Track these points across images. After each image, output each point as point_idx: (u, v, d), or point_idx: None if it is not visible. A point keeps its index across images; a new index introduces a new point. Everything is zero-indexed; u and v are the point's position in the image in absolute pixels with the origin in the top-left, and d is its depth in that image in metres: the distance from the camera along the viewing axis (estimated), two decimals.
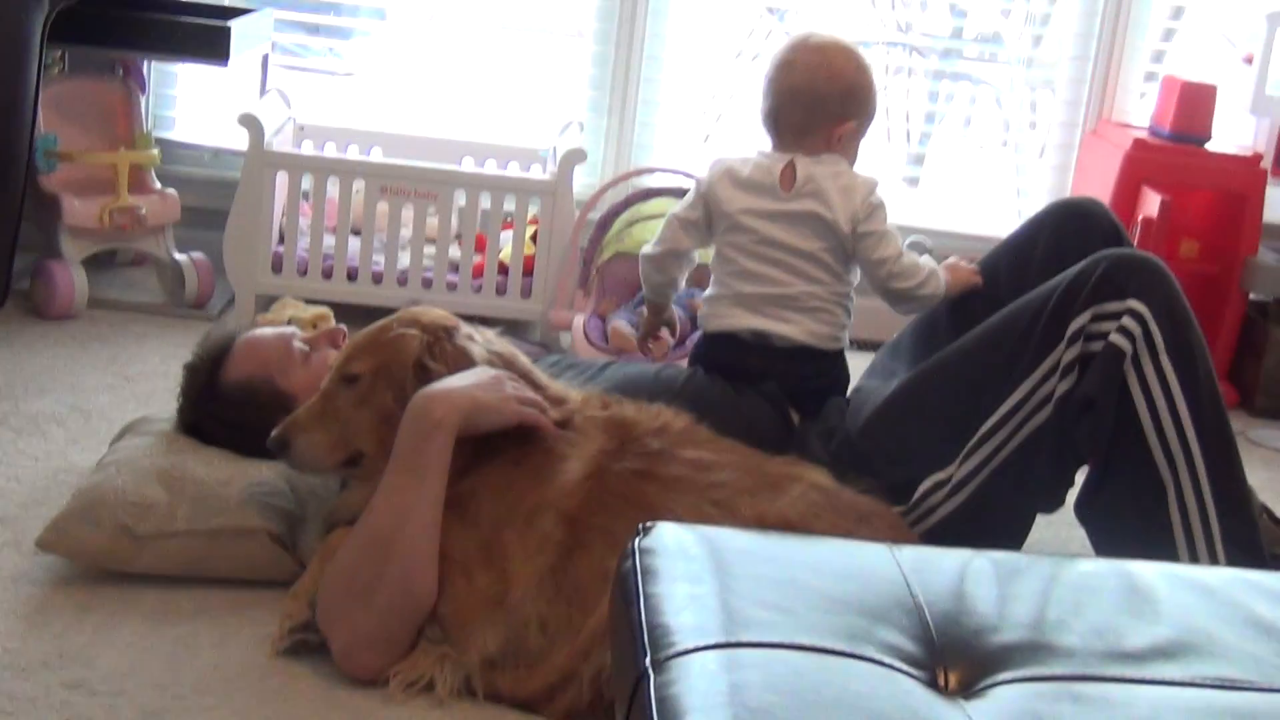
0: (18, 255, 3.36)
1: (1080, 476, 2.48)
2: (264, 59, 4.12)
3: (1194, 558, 2.29)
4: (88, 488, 2.43)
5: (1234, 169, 4.03)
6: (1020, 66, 4.73)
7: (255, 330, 2.68)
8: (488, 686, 2.12)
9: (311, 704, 2.10)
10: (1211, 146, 4.06)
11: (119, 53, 3.86)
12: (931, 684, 1.33)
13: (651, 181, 4.01)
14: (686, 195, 2.77)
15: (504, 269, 3.82)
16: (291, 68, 4.67)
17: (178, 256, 3.82)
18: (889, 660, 1.32)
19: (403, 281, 3.77)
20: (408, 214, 3.79)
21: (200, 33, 3.63)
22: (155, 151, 3.81)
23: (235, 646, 2.23)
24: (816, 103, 2.66)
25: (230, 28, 3.61)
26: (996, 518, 2.44)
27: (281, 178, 3.76)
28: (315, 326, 3.49)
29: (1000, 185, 4.71)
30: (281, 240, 3.82)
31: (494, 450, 2.23)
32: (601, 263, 3.81)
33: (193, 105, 4.35)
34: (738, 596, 1.39)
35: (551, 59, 4.99)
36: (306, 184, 3.79)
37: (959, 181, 4.81)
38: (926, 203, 4.57)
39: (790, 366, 2.63)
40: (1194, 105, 4.02)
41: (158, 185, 3.85)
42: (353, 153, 4.13)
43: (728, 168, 2.69)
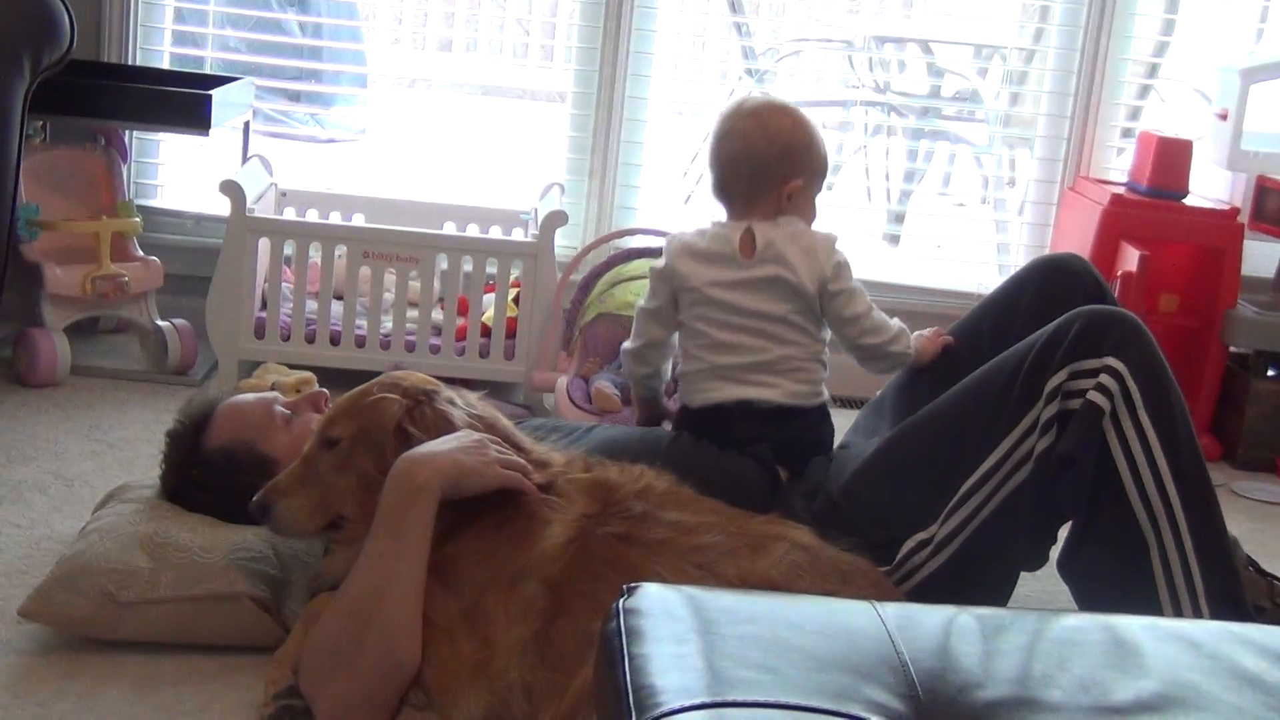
0: (0, 324, 3.35)
1: (1063, 533, 2.49)
2: (245, 126, 4.14)
3: (1177, 612, 2.28)
4: (71, 556, 2.42)
5: (1212, 223, 4.06)
6: (998, 125, 4.77)
7: (237, 396, 2.68)
8: None
9: None
10: (1189, 201, 4.10)
11: (101, 123, 3.87)
12: None
13: (633, 242, 4.03)
14: (649, 284, 2.74)
15: (487, 331, 3.82)
16: (273, 134, 4.70)
17: (160, 323, 3.82)
18: (875, 718, 1.32)
19: (386, 345, 3.77)
20: (390, 278, 3.79)
21: (181, 102, 3.65)
22: (137, 219, 3.82)
23: (219, 713, 2.21)
24: (758, 167, 2.66)
25: (211, 96, 3.63)
26: (980, 576, 2.43)
27: (264, 244, 3.77)
28: (298, 391, 3.49)
29: (980, 242, 4.74)
30: (264, 306, 3.83)
31: (476, 514, 2.22)
32: (584, 324, 3.81)
33: (175, 173, 4.36)
34: (723, 656, 1.38)
35: (532, 123, 5.03)
36: (289, 249, 3.80)
37: (939, 239, 4.84)
38: (907, 260, 4.59)
39: (777, 428, 2.63)
40: (1171, 161, 4.05)
41: (140, 253, 3.86)
42: (335, 218, 4.14)
43: (684, 243, 2.68)
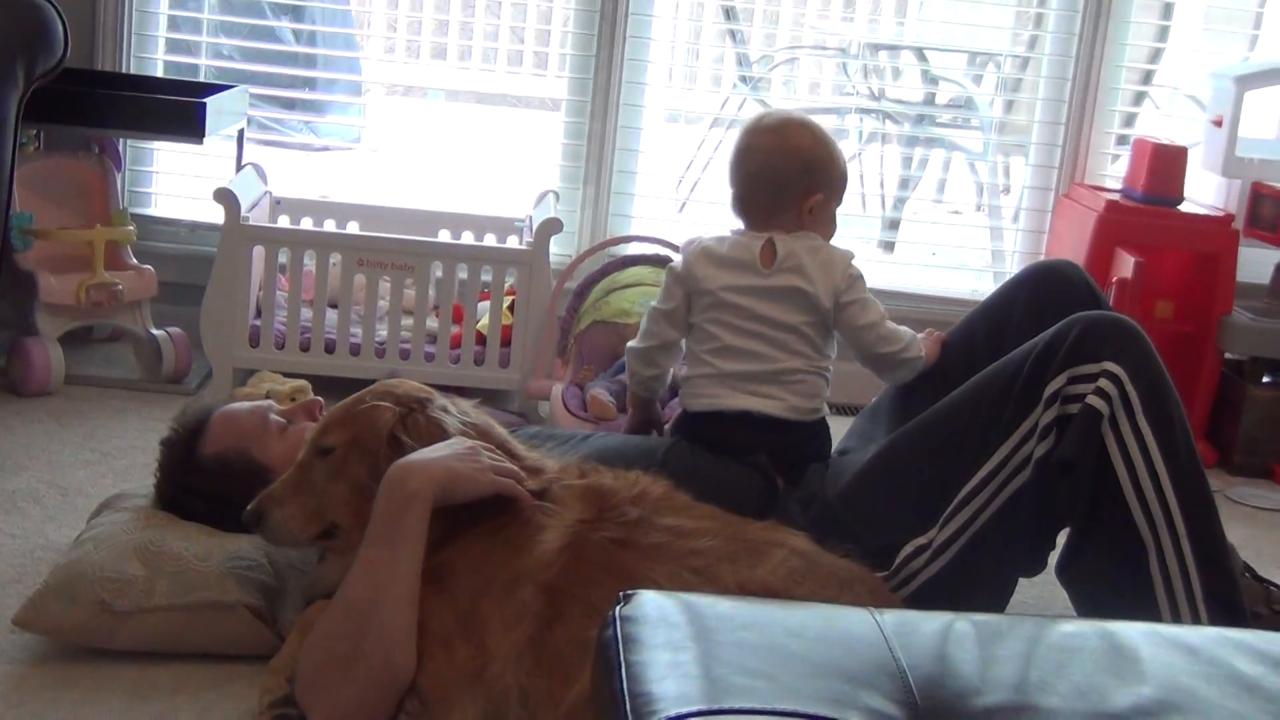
0: None
1: (1061, 539, 2.49)
2: (240, 134, 4.14)
3: (1176, 617, 2.28)
4: (65, 565, 2.42)
5: (1207, 230, 4.06)
6: (993, 132, 4.78)
7: (231, 404, 2.68)
8: None
9: None
10: (1184, 208, 4.10)
11: (95, 131, 3.87)
12: None
13: (628, 250, 4.02)
14: (663, 286, 2.75)
15: (482, 339, 3.82)
16: (267, 142, 4.70)
17: (155, 332, 3.81)
18: None
19: (380, 353, 3.77)
20: (385, 286, 3.79)
21: (175, 110, 3.65)
22: (131, 228, 3.82)
23: None
24: (780, 182, 2.68)
25: (205, 105, 3.63)
26: (978, 582, 2.43)
27: (258, 252, 3.77)
28: (293, 399, 3.50)
29: (975, 249, 4.74)
30: (259, 314, 3.82)
31: (471, 521, 2.22)
32: (579, 331, 3.81)
33: (169, 181, 4.36)
34: (720, 663, 1.38)
35: (527, 130, 5.03)
36: (283, 258, 3.80)
37: (934, 246, 4.84)
38: (902, 267, 4.59)
39: (774, 438, 2.63)
40: (1166, 167, 4.06)
41: (134, 261, 3.85)
42: (329, 226, 4.13)
43: (704, 247, 2.70)
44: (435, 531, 2.19)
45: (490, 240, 4.15)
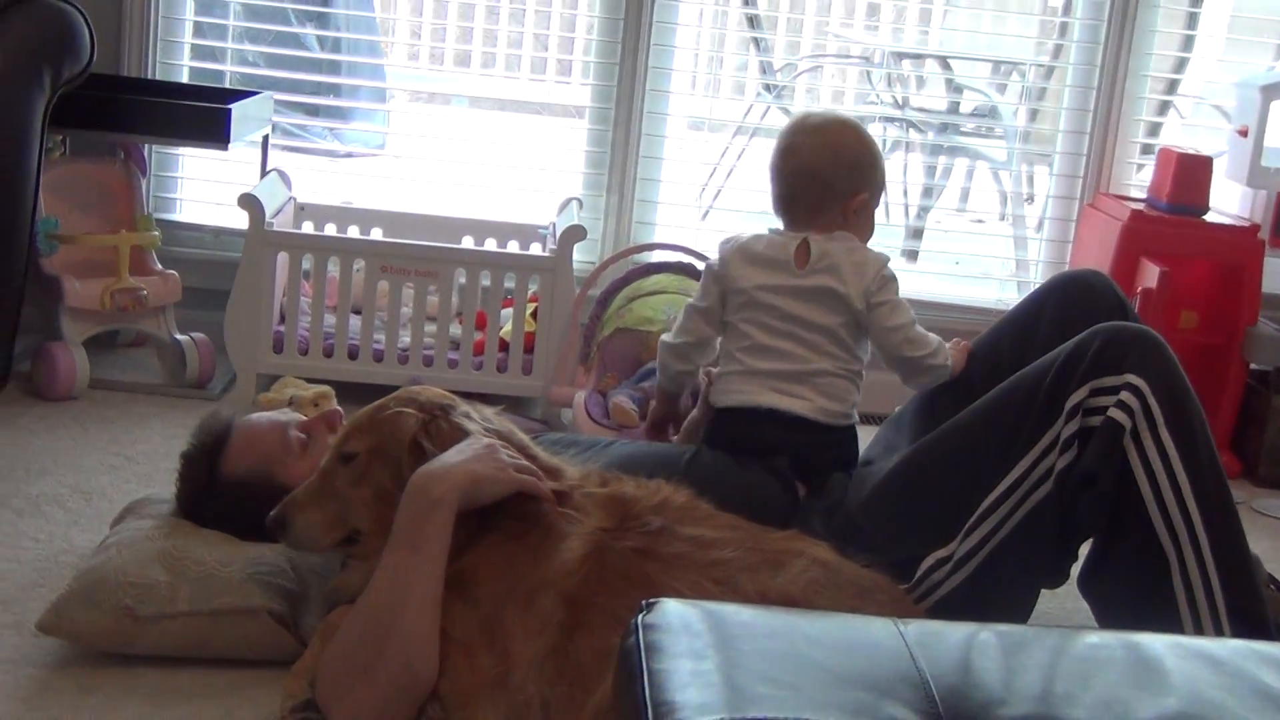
0: (19, 337, 3.36)
1: (1083, 551, 2.48)
2: (264, 140, 4.15)
3: (1198, 630, 2.27)
4: (88, 570, 2.42)
5: (1232, 240, 4.05)
6: (1017, 141, 4.77)
7: (251, 418, 2.67)
8: None
9: None
10: (1209, 218, 4.08)
11: (120, 136, 3.89)
12: None
13: (652, 258, 4.03)
14: (701, 283, 2.76)
15: (505, 346, 3.82)
16: (291, 148, 4.71)
17: (179, 337, 3.83)
18: None
19: (403, 360, 3.77)
20: (408, 292, 3.80)
21: (200, 116, 3.66)
22: (156, 233, 3.83)
23: None
24: (826, 182, 2.68)
25: (230, 111, 3.64)
26: (1000, 594, 2.42)
27: (282, 258, 3.78)
28: (316, 405, 3.50)
29: (998, 258, 4.73)
30: (282, 320, 3.83)
31: (493, 527, 2.23)
32: (602, 339, 3.81)
33: (194, 187, 4.37)
34: (742, 672, 1.38)
35: (551, 137, 5.03)
36: (307, 264, 3.81)
37: (957, 255, 4.83)
38: (925, 276, 4.58)
39: (801, 439, 2.63)
40: (1191, 177, 4.04)
41: (159, 266, 3.87)
42: (353, 232, 4.14)
43: (740, 245, 2.70)
44: (458, 537, 2.19)
45: (513, 247, 4.15)
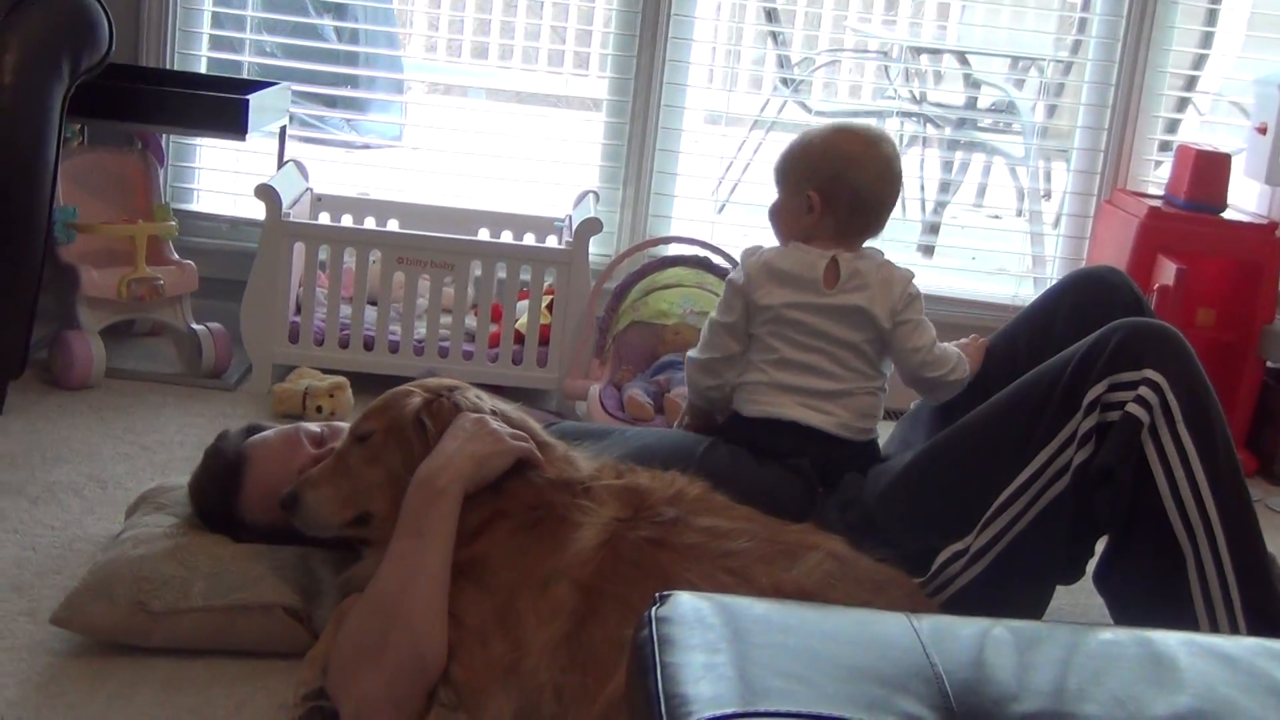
0: (36, 326, 3.37)
1: (1099, 546, 2.47)
2: (282, 131, 4.15)
3: (1214, 627, 2.27)
4: (102, 564, 2.43)
5: (1249, 237, 4.04)
6: (1035, 137, 4.76)
7: (260, 450, 2.56)
8: None
9: None
10: (1226, 215, 4.07)
11: (138, 126, 3.89)
12: None
13: (667, 251, 4.03)
14: (723, 298, 2.71)
15: (520, 338, 3.83)
16: (309, 139, 4.71)
17: (195, 327, 3.83)
18: None
19: (419, 351, 3.78)
20: (424, 284, 3.80)
21: (218, 106, 3.67)
22: (173, 223, 3.84)
23: (249, 716, 2.22)
24: (886, 206, 2.70)
25: (248, 101, 3.64)
26: (1015, 588, 2.42)
27: (299, 248, 3.78)
28: (332, 396, 3.51)
29: (1015, 254, 4.72)
30: (298, 310, 3.84)
31: (507, 513, 2.24)
32: (617, 332, 3.81)
33: (211, 177, 4.38)
34: (755, 665, 1.38)
35: (567, 130, 5.02)
36: (323, 254, 3.82)
37: (974, 251, 4.82)
38: (941, 272, 4.57)
39: (821, 451, 2.61)
40: (1209, 174, 4.03)
41: (175, 256, 3.88)
42: (369, 223, 4.15)
43: (765, 261, 2.65)
44: (470, 522, 2.21)
45: (529, 240, 4.16)
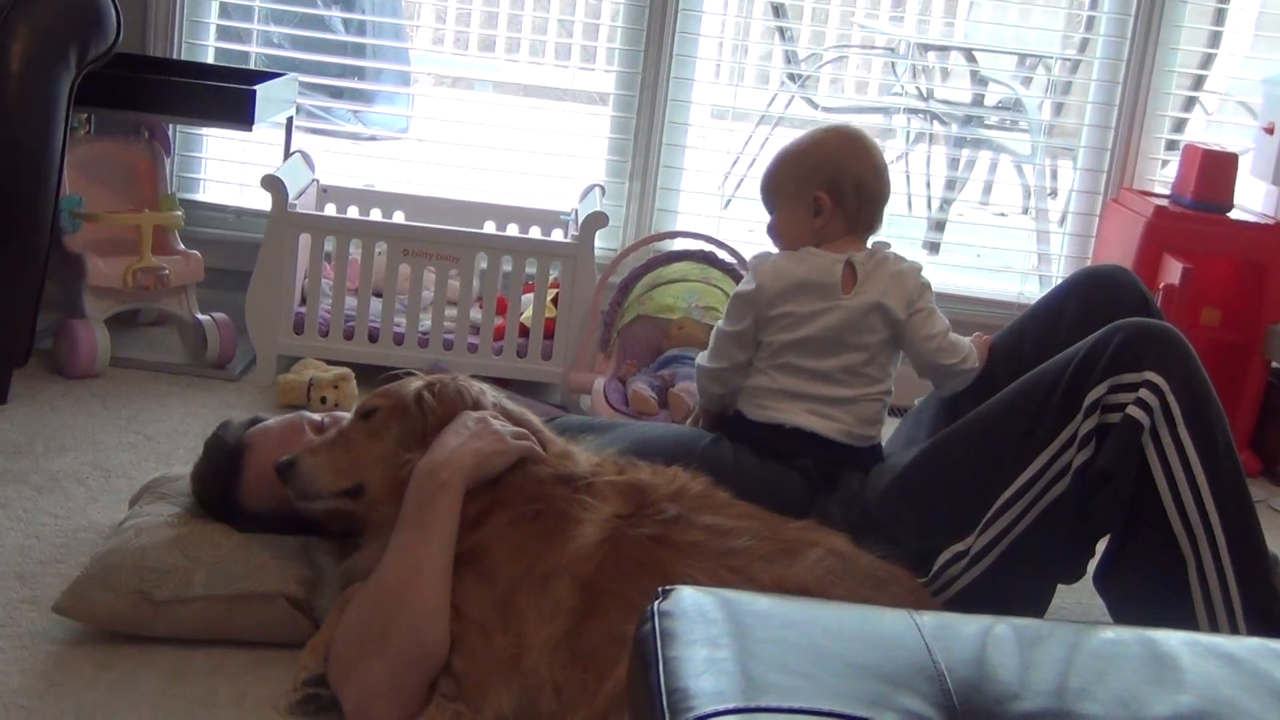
0: (41, 314, 3.38)
1: (1100, 546, 2.47)
2: (288, 122, 4.16)
3: (1214, 628, 2.27)
4: (105, 552, 2.43)
5: (1256, 237, 4.03)
6: (1041, 134, 4.75)
7: (260, 439, 2.56)
8: None
9: None
10: (1232, 215, 4.07)
11: (145, 116, 3.89)
12: None
13: (673, 245, 4.02)
14: (732, 307, 2.65)
15: (525, 332, 3.83)
16: (315, 131, 4.71)
17: (200, 317, 3.84)
18: None
19: (424, 343, 3.78)
20: (430, 276, 3.80)
21: (225, 97, 3.67)
22: (179, 213, 3.84)
23: (252, 705, 2.22)
24: (884, 201, 2.68)
25: (255, 92, 3.65)
26: (1016, 588, 2.42)
27: (304, 239, 3.78)
28: (336, 387, 3.51)
29: (1020, 252, 4.72)
30: (303, 301, 3.84)
31: (508, 504, 2.25)
32: (622, 326, 3.81)
33: (218, 167, 4.38)
34: (757, 661, 1.38)
35: (574, 123, 5.02)
36: (329, 246, 3.82)
37: (979, 248, 4.82)
38: (946, 269, 4.57)
39: (825, 455, 2.60)
40: (1215, 174, 4.03)
41: (181, 246, 3.88)
42: (375, 215, 4.15)
43: (777, 270, 2.60)
44: (471, 510, 2.22)
45: (535, 233, 4.16)
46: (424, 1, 5.23)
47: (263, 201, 3.79)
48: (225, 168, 4.37)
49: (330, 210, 4.14)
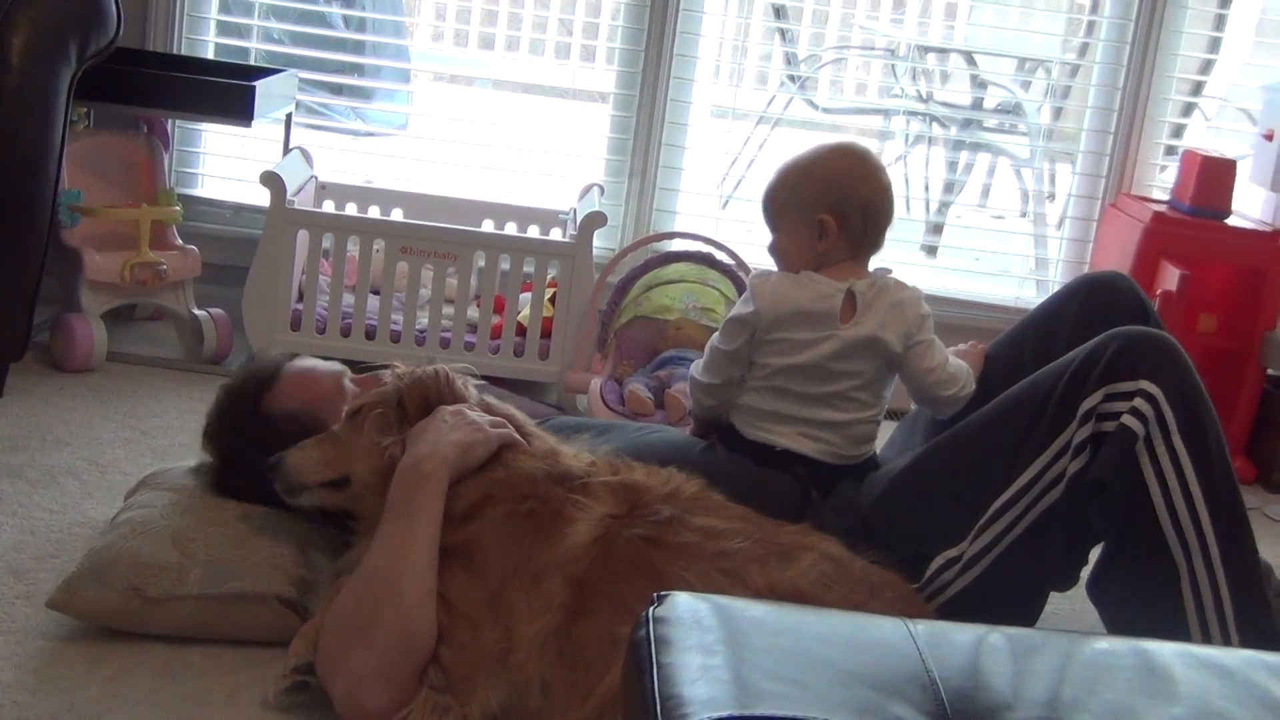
0: (38, 308, 3.38)
1: (1093, 555, 2.47)
2: (287, 118, 4.15)
3: (1207, 639, 2.27)
4: (100, 548, 2.43)
5: (1253, 244, 4.03)
6: (1040, 138, 4.76)
7: (307, 361, 2.70)
8: None
9: None
10: (1231, 221, 4.07)
11: (144, 111, 3.89)
12: None
13: (671, 246, 4.02)
14: (728, 326, 2.60)
15: (522, 330, 3.83)
16: (314, 127, 4.71)
17: (197, 312, 3.84)
18: None
19: (420, 341, 3.78)
20: (427, 274, 3.80)
21: (225, 92, 3.67)
22: (177, 208, 3.84)
23: (246, 703, 2.22)
24: (888, 220, 2.63)
25: (254, 88, 3.65)
26: (1009, 595, 2.42)
27: (302, 236, 3.78)
28: None
29: (1018, 256, 4.72)
30: (301, 298, 3.84)
31: (497, 498, 2.26)
32: (619, 326, 3.81)
33: (216, 163, 4.38)
34: (751, 668, 1.38)
35: (573, 122, 5.02)
36: (327, 242, 3.81)
37: (977, 251, 4.82)
38: (944, 272, 4.57)
39: (816, 471, 2.60)
40: (1214, 180, 4.03)
41: (179, 241, 3.88)
42: (374, 212, 4.15)
43: (776, 293, 2.55)
44: (461, 505, 2.24)
45: (534, 232, 4.15)
46: None
47: (261, 197, 3.79)
48: (224, 163, 4.37)
49: (328, 207, 4.14)
